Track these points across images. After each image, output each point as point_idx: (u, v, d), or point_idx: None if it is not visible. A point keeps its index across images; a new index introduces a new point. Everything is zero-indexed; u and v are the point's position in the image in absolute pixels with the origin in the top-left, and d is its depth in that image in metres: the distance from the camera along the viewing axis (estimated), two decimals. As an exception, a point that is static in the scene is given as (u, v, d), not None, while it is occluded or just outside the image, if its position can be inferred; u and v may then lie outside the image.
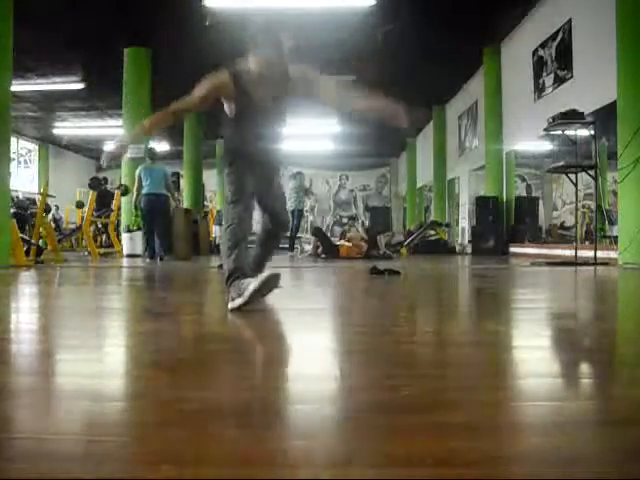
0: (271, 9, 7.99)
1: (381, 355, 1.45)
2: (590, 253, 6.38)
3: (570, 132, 6.45)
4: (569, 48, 7.49)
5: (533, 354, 1.52)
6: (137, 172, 7.70)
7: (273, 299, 3.18)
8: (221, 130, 2.54)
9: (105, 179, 10.86)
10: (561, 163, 6.40)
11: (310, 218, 21.27)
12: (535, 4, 8.49)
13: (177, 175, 13.32)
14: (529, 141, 9.72)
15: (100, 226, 10.72)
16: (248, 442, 0.82)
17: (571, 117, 6.01)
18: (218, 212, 15.47)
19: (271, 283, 2.19)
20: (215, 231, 14.53)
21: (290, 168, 21.05)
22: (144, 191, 7.47)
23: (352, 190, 21.89)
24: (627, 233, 5.71)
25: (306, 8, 7.97)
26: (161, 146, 17.62)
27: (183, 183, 14.32)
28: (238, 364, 1.35)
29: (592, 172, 6.05)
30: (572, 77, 7.45)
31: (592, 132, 6.14)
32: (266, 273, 2.18)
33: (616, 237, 6.49)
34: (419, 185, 17.48)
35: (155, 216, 7.53)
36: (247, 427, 0.88)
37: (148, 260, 7.45)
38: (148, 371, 1.35)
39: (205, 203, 16.26)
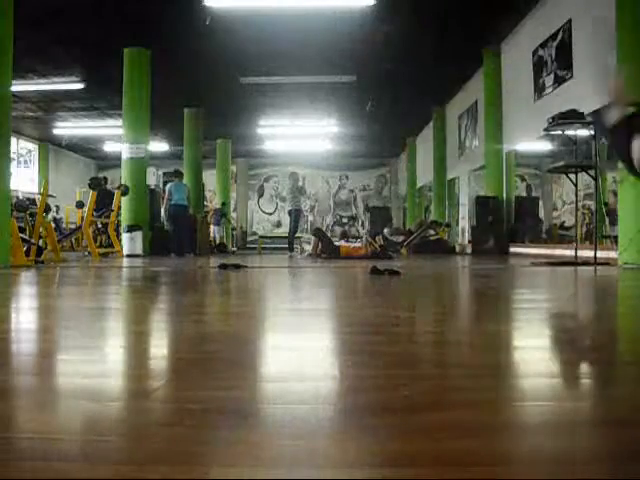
0: (271, 9, 7.99)
1: (381, 355, 1.45)
2: (590, 253, 6.38)
3: (570, 132, 6.45)
4: (569, 48, 7.49)
5: (533, 354, 1.52)
6: (167, 187, 10.14)
7: (273, 299, 3.19)
8: None
9: (105, 179, 10.87)
10: (561, 163, 6.40)
11: (310, 218, 21.27)
12: (535, 4, 8.49)
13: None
14: (529, 141, 9.72)
15: (100, 226, 10.72)
16: (248, 442, 0.82)
17: (571, 117, 6.01)
18: (215, 211, 15.38)
19: None
20: (214, 231, 14.50)
21: (289, 169, 21.18)
22: (172, 202, 9.85)
23: (352, 190, 21.89)
24: (627, 233, 5.71)
25: (306, 8, 7.97)
26: (161, 146, 17.63)
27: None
28: (238, 364, 1.35)
29: (592, 172, 6.05)
30: (572, 77, 7.45)
31: (592, 132, 6.14)
32: None
33: (615, 237, 6.50)
34: (419, 185, 17.48)
35: (180, 220, 9.84)
36: (247, 427, 0.88)
37: (174, 255, 9.47)
38: (148, 371, 1.35)
39: (205, 203, 16.25)
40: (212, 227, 14.49)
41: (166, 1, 7.91)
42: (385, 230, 12.94)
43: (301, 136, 16.68)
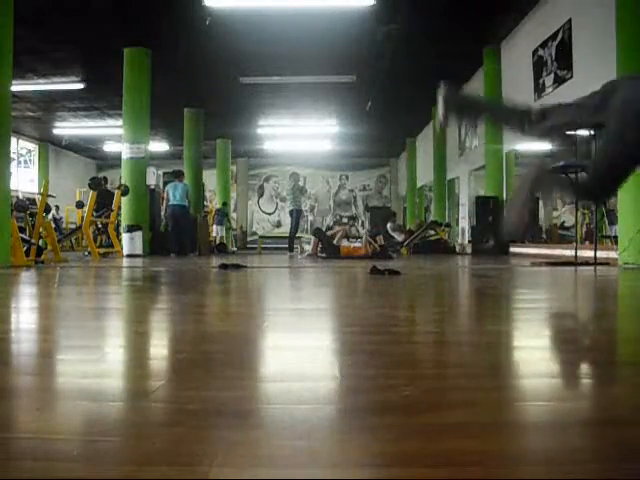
0: (271, 9, 8.00)
1: (381, 355, 1.45)
2: (590, 253, 6.38)
3: (570, 132, 6.45)
4: (569, 48, 7.49)
5: (533, 354, 1.52)
6: (166, 188, 10.42)
7: (273, 299, 3.19)
8: None
9: (105, 179, 10.87)
10: (561, 163, 6.40)
11: (310, 218, 21.27)
12: (535, 4, 8.49)
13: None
14: (529, 141, 9.72)
15: (100, 226, 10.73)
16: (248, 442, 0.82)
17: (571, 117, 5.99)
18: (217, 211, 15.40)
19: None
20: (215, 231, 14.50)
21: (288, 169, 21.19)
22: (171, 203, 10.10)
23: (352, 190, 21.89)
24: (627, 233, 5.71)
25: (306, 8, 7.97)
26: (161, 146, 17.63)
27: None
28: (237, 364, 1.35)
29: (592, 172, 6.04)
30: (572, 77, 7.45)
31: (592, 132, 6.14)
32: None
33: (615, 237, 6.50)
34: (419, 185, 17.48)
35: (179, 221, 10.03)
36: (247, 427, 0.88)
37: (173, 255, 9.60)
38: (148, 371, 1.35)
39: (205, 203, 16.24)
40: (214, 227, 14.51)
41: (166, 1, 7.92)
42: (388, 224, 12.95)
43: (301, 136, 16.69)
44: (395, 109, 13.71)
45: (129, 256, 9.00)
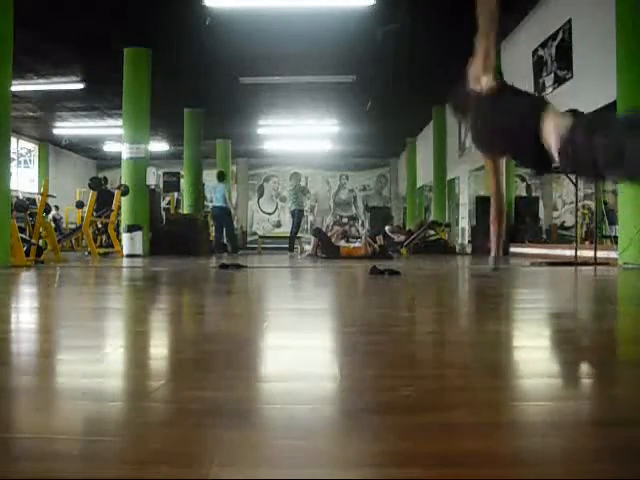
0: (271, 9, 7.99)
1: (381, 355, 1.45)
2: (590, 253, 6.38)
3: (570, 132, 6.44)
4: (569, 48, 7.49)
5: (533, 354, 1.52)
6: (206, 189, 11.54)
7: (273, 299, 3.19)
8: None
9: (105, 179, 10.87)
10: (561, 163, 6.39)
11: (310, 218, 21.26)
12: (535, 4, 8.48)
13: (177, 175, 13.31)
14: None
15: (100, 226, 10.72)
16: (248, 442, 0.82)
17: (571, 117, 6.00)
18: None
19: None
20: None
21: (288, 169, 21.18)
22: (213, 204, 11.15)
23: (352, 190, 21.87)
24: (627, 233, 5.71)
25: (306, 8, 7.97)
26: (161, 146, 17.62)
27: (183, 183, 14.30)
28: (237, 364, 1.35)
29: (592, 172, 6.05)
30: (572, 77, 7.45)
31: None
32: None
33: (616, 237, 6.50)
34: (419, 185, 17.47)
35: (220, 222, 10.94)
36: (247, 427, 0.88)
37: (218, 253, 10.37)
38: (148, 371, 1.35)
39: (205, 203, 16.23)
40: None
41: (166, 1, 7.91)
42: (386, 227, 12.96)
43: (301, 136, 16.68)
44: (395, 109, 13.69)
45: (129, 256, 8.99)
